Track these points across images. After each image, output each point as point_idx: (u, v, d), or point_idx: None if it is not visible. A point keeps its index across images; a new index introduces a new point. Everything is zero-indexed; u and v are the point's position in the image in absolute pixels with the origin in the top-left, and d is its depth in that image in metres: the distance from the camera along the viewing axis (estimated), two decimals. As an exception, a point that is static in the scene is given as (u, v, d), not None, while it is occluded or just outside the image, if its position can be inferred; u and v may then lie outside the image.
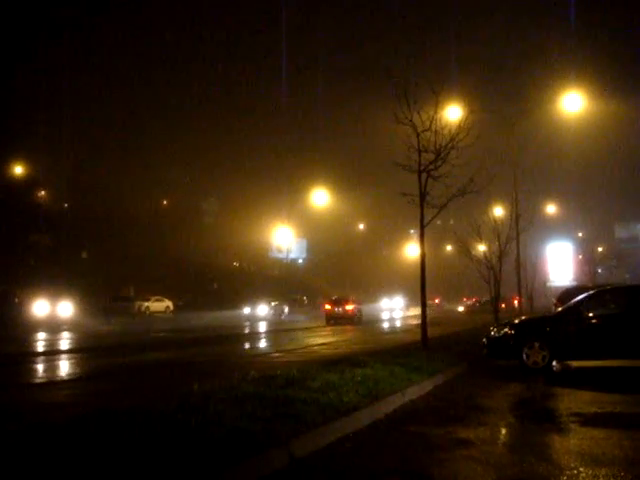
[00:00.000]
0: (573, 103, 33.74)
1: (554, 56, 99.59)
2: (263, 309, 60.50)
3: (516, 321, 15.57)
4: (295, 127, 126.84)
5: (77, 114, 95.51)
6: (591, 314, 14.03)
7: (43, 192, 73.26)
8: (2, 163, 65.08)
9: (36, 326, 36.01)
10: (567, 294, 24.57)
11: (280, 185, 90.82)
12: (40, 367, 17.30)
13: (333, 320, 45.02)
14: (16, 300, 41.35)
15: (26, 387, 12.89)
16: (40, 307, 42.13)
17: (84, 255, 72.04)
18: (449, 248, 75.47)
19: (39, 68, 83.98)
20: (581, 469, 6.15)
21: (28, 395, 11.69)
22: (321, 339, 26.83)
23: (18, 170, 66.70)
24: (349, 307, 47.27)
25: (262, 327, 40.77)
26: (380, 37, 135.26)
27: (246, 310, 61.42)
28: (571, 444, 7.29)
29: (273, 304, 63.10)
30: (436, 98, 18.72)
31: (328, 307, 47.98)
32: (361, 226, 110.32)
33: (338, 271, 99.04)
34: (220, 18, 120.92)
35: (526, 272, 40.83)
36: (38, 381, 14.14)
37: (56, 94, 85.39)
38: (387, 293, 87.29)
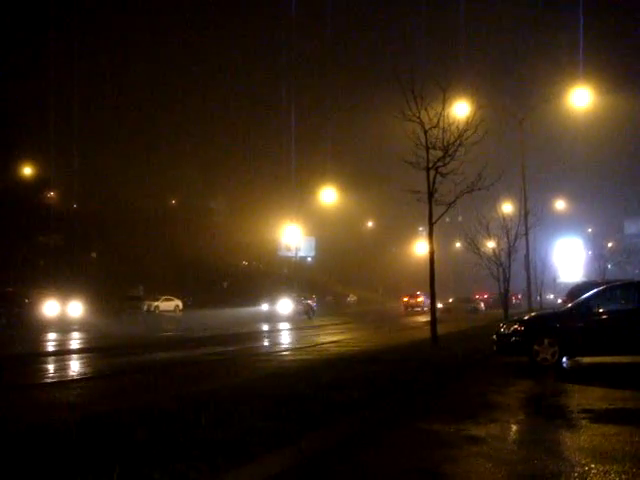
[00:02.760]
0: (581, 98, 33.68)
1: (562, 51, 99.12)
2: None
3: (526, 317, 15.55)
4: (303, 125, 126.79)
5: (86, 115, 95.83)
6: (601, 310, 13.99)
7: (53, 193, 73.48)
8: (12, 164, 65.30)
9: (46, 326, 36.15)
10: (577, 290, 24.51)
11: (288, 183, 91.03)
12: (50, 367, 17.36)
13: (410, 308, 60.90)
14: (26, 301, 41.40)
15: (31, 388, 12.92)
16: (50, 307, 42.22)
17: (94, 255, 72.29)
18: (458, 245, 75.39)
19: (49, 69, 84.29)
20: (592, 465, 6.14)
21: (33, 396, 11.74)
22: (331, 337, 26.84)
23: (28, 171, 66.98)
24: (419, 299, 62.42)
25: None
26: (387, 34, 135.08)
27: None
28: (582, 440, 7.27)
29: None
30: (443, 94, 18.75)
31: (405, 299, 64.39)
32: (370, 224, 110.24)
33: (347, 269, 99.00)
34: (227, 17, 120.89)
35: (535, 269, 40.72)
36: (47, 381, 14.17)
37: (66, 95, 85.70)
38: (270, 294, 58.31)
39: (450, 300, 64.48)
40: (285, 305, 51.90)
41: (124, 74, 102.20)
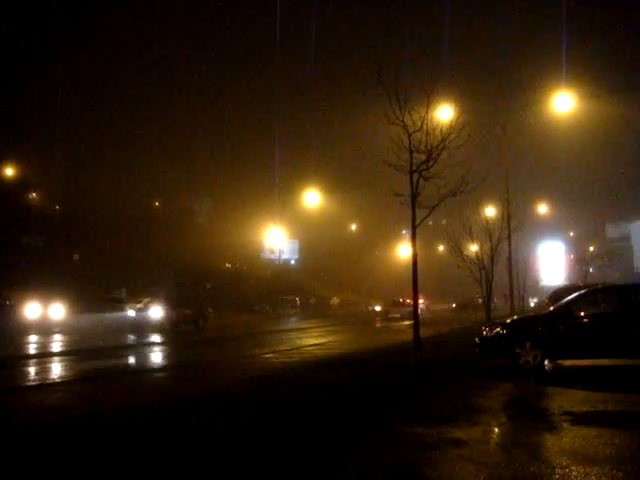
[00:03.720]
0: (564, 103, 33.87)
1: (545, 56, 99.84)
2: None
3: (508, 321, 15.59)
4: (287, 128, 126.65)
5: (69, 116, 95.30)
6: (582, 313, 14.05)
7: (35, 194, 72.88)
8: (-7, 165, 64.79)
9: (28, 328, 35.89)
10: (558, 293, 24.65)
11: (272, 186, 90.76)
12: (32, 370, 17.24)
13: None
14: (8, 302, 41.18)
15: (19, 390, 12.87)
16: (32, 309, 41.99)
17: (76, 257, 71.78)
18: (441, 248, 75.68)
19: (32, 70, 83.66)
20: (573, 467, 6.19)
21: (24, 398, 11.68)
22: (313, 340, 26.82)
23: (10, 172, 66.39)
24: (420, 301, 61.55)
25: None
26: (371, 37, 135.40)
27: None
28: (563, 443, 7.31)
29: None
30: (427, 98, 18.84)
31: (408, 301, 63.67)
32: (353, 227, 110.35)
33: (330, 272, 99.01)
34: (214, 20, 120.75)
35: (518, 272, 40.94)
36: (31, 384, 14.08)
37: (49, 96, 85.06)
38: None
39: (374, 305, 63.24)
40: (156, 311, 39.70)
41: (109, 76, 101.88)
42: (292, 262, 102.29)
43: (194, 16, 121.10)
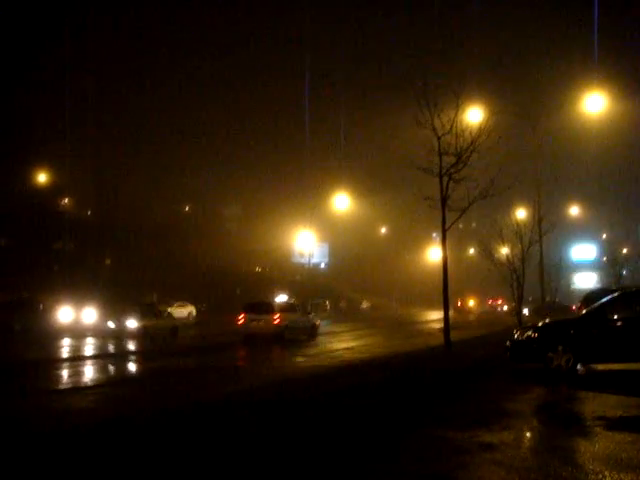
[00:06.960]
0: (595, 104, 33.51)
1: (576, 57, 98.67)
2: None
3: (540, 324, 15.43)
4: (316, 131, 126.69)
5: (101, 122, 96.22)
6: (615, 316, 13.85)
7: (67, 200, 73.78)
8: (27, 171, 65.67)
9: (60, 332, 36.27)
10: (592, 297, 24.35)
11: (302, 190, 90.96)
12: (66, 373, 17.42)
13: (492, 308, 75.12)
14: (41, 307, 41.53)
15: (60, 393, 13.00)
16: (65, 314, 42.38)
17: (108, 262, 72.44)
18: (472, 251, 75.30)
19: (63, 76, 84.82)
20: (606, 473, 6.10)
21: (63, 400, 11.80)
22: (345, 344, 26.78)
23: (42, 178, 67.32)
24: (499, 302, 79.41)
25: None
26: (401, 40, 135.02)
27: None
28: (596, 448, 7.22)
29: None
30: (457, 100, 18.80)
31: (490, 302, 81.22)
32: (383, 230, 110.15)
33: (360, 275, 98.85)
34: (243, 29, 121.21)
35: (549, 275, 40.53)
36: (69, 386, 14.23)
37: (80, 102, 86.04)
38: None
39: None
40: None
41: (139, 82, 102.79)
42: (322, 266, 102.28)
43: (226, 21, 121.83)
